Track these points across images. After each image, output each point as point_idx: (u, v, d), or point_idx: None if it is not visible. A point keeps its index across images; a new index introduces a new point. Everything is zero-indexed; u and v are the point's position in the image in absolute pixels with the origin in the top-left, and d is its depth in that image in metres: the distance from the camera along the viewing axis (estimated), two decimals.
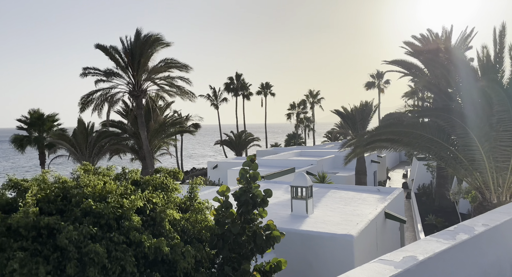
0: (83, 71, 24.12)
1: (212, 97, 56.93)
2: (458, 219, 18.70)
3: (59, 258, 5.25)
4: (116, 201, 5.81)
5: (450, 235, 2.99)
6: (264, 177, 18.11)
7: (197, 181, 7.46)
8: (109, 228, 5.76)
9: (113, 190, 6.03)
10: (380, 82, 61.21)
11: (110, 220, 5.68)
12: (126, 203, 5.86)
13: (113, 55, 23.23)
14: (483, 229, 3.22)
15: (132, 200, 5.86)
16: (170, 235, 6.07)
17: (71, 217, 5.55)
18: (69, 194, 5.82)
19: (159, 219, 6.14)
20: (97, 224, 5.63)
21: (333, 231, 9.62)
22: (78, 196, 5.72)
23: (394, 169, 44.45)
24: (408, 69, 24.56)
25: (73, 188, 5.83)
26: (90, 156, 26.21)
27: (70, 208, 5.69)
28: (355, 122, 24.40)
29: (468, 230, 3.21)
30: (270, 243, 6.85)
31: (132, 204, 5.83)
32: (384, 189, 15.17)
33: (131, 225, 5.62)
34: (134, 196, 6.03)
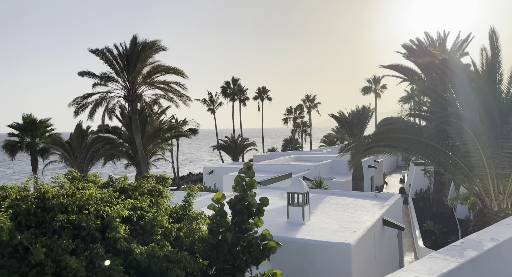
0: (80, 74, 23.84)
1: (209, 101, 56.70)
2: (456, 225, 18.49)
3: (38, 274, 4.96)
4: (97, 210, 5.52)
5: (457, 252, 2.76)
6: (260, 183, 17.86)
7: (194, 189, 7.20)
8: (92, 239, 5.47)
9: (93, 198, 5.73)
10: (377, 87, 61.35)
11: (92, 231, 5.39)
12: (111, 211, 5.57)
13: (108, 59, 23.01)
14: (492, 244, 2.99)
15: (115, 210, 5.57)
16: (161, 243, 5.79)
17: (50, 229, 5.26)
18: (47, 205, 5.53)
19: (150, 227, 5.86)
20: (78, 236, 5.34)
21: (330, 239, 9.36)
22: (56, 207, 5.43)
23: (391, 174, 44.34)
24: (405, 73, 24.52)
25: (51, 199, 5.52)
26: (83, 162, 25.82)
27: (49, 220, 5.40)
28: (352, 126, 24.26)
29: (476, 245, 2.98)
30: (265, 254, 6.58)
31: (117, 213, 5.54)
32: (381, 195, 14.95)
33: (118, 236, 5.34)
34: (118, 204, 5.74)
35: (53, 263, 4.98)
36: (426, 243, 17.35)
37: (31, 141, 27.88)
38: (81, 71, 23.92)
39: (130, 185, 7.01)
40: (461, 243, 2.99)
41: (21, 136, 27.73)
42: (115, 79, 23.49)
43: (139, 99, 23.66)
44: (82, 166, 26.16)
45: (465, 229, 18.07)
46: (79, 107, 23.47)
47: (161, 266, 5.48)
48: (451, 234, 18.49)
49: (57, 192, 5.77)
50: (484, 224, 8.80)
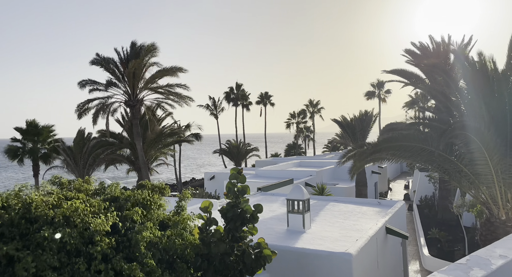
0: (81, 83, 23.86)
1: (212, 107, 56.63)
2: (463, 232, 18.00)
3: None
4: (83, 222, 5.25)
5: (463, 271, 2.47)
6: (261, 189, 17.54)
7: (185, 194, 6.92)
8: (77, 253, 5.21)
9: (80, 210, 5.46)
10: (380, 92, 60.93)
11: (78, 244, 5.13)
12: (93, 225, 5.28)
13: (108, 67, 23.02)
14: (501, 262, 2.68)
15: (99, 223, 5.29)
16: (145, 260, 5.49)
17: (34, 242, 5.00)
18: (32, 216, 5.27)
19: (134, 242, 5.58)
20: (63, 249, 5.08)
21: (330, 248, 9.02)
22: (40, 219, 5.18)
23: (395, 180, 43.76)
24: (408, 78, 24.20)
25: (36, 209, 5.27)
26: (84, 167, 25.67)
27: (33, 231, 5.14)
28: (355, 132, 23.90)
29: (483, 263, 2.68)
30: (260, 263, 6.28)
31: (100, 227, 5.26)
32: (385, 202, 14.57)
33: (96, 251, 5.06)
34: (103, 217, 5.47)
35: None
36: (432, 251, 16.87)
37: (33, 146, 27.83)
38: (81, 80, 23.94)
39: (122, 194, 6.75)
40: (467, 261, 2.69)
41: (24, 142, 27.70)
42: (116, 84, 23.43)
43: (140, 104, 23.54)
44: (83, 172, 26.01)
45: (472, 237, 17.57)
46: (81, 111, 23.43)
47: None
48: (457, 242, 18.00)
49: (43, 202, 5.51)
50: (492, 233, 8.43)
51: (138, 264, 5.31)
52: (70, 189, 6.56)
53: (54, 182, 6.52)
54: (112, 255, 5.34)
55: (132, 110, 23.33)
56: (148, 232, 5.74)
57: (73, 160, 25.81)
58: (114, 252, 5.45)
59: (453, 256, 16.32)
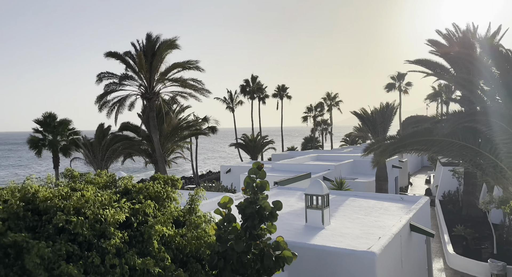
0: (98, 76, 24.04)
1: (228, 100, 56.39)
2: (490, 229, 17.16)
3: None
4: (94, 214, 5.02)
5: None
6: (278, 183, 17.18)
7: (198, 192, 6.61)
8: (89, 246, 4.99)
9: (91, 200, 5.24)
10: (401, 84, 59.18)
11: (90, 236, 4.91)
12: (108, 216, 5.07)
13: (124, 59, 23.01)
14: None
15: (112, 214, 5.06)
16: (159, 255, 5.23)
17: (44, 234, 4.80)
18: (41, 207, 5.08)
19: (147, 236, 5.32)
20: (74, 241, 4.87)
21: (352, 246, 8.59)
22: (50, 210, 4.97)
23: (416, 174, 42.56)
24: (432, 69, 23.13)
25: (44, 201, 5.07)
26: (103, 160, 25.95)
27: (42, 224, 4.94)
28: (375, 125, 23.13)
29: None
30: (279, 264, 5.93)
31: (113, 219, 5.03)
32: (408, 198, 13.94)
33: (109, 244, 4.82)
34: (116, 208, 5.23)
35: (45, 272, 4.52)
36: (457, 249, 16.15)
37: (53, 138, 28.34)
38: (99, 73, 24.14)
39: (134, 187, 6.51)
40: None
41: (44, 134, 28.25)
42: (133, 77, 23.44)
43: (156, 97, 23.49)
44: (101, 164, 26.31)
45: (500, 235, 16.73)
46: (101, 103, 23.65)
47: None
48: (484, 239, 17.18)
49: (49, 194, 5.31)
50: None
51: (152, 259, 5.06)
52: (81, 182, 6.37)
53: (66, 175, 6.35)
54: (125, 250, 5.11)
55: (149, 103, 23.31)
56: (160, 225, 5.48)
57: (92, 153, 26.13)
58: (127, 246, 5.22)
59: (480, 254, 15.57)
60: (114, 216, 5.02)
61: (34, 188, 5.22)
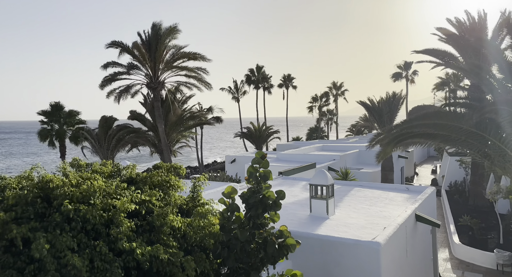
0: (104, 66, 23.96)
1: (233, 89, 56.16)
2: (496, 219, 17.05)
3: (35, 271, 4.54)
4: (103, 203, 5.03)
5: None
6: (283, 173, 17.15)
7: (201, 179, 6.58)
8: (97, 235, 5.01)
9: (100, 189, 5.25)
10: (408, 73, 58.39)
11: (98, 225, 4.92)
12: (118, 204, 5.09)
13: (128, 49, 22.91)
14: None
15: (122, 202, 5.07)
16: (168, 242, 5.25)
17: (52, 222, 4.82)
18: (51, 195, 5.09)
19: (159, 224, 5.34)
20: (83, 229, 4.89)
21: (356, 236, 8.56)
22: (59, 197, 4.97)
23: (422, 164, 42.31)
24: (441, 58, 22.71)
25: (55, 188, 5.08)
26: (108, 149, 26.11)
27: (51, 211, 4.96)
28: (381, 114, 22.88)
29: None
30: (283, 252, 5.90)
31: (123, 207, 5.04)
32: (413, 188, 13.84)
33: (120, 232, 4.84)
34: (125, 197, 5.24)
35: (54, 259, 4.55)
36: (463, 239, 16.09)
37: (60, 128, 28.52)
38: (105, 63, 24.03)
39: (138, 176, 6.51)
40: None
41: (50, 123, 28.43)
42: (138, 67, 23.34)
43: (161, 87, 23.42)
44: (107, 153, 26.47)
45: (507, 225, 16.63)
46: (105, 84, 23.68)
47: (164, 270, 4.96)
48: (491, 229, 17.09)
49: (61, 182, 5.34)
50: None
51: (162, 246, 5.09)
52: (88, 171, 6.38)
53: (73, 165, 6.36)
54: (133, 238, 5.13)
55: (154, 92, 23.25)
56: (172, 216, 5.50)
57: (98, 142, 26.27)
58: (135, 235, 5.24)
59: (486, 244, 15.51)
60: (124, 204, 5.03)
61: (48, 176, 5.24)
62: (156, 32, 22.70)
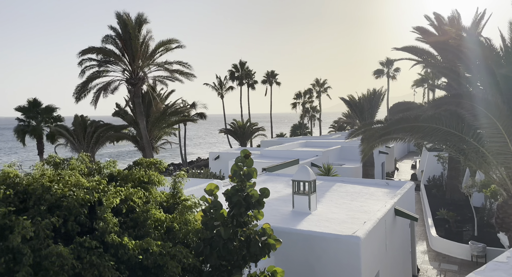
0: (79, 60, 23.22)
1: (217, 86, 55.82)
2: (472, 212, 17.70)
3: (9, 263, 4.39)
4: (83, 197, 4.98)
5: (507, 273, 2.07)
6: (266, 169, 17.25)
7: (180, 174, 6.56)
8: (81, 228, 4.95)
9: (80, 185, 5.18)
10: (389, 70, 59.47)
11: (81, 217, 4.85)
12: (104, 200, 5.04)
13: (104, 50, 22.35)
14: None
15: (108, 197, 5.04)
16: (154, 236, 5.25)
17: (30, 215, 4.71)
18: (26, 191, 4.98)
19: (143, 219, 5.32)
20: (62, 225, 4.80)
21: (337, 231, 8.75)
22: (39, 190, 4.88)
23: (402, 159, 43.31)
24: (419, 55, 23.24)
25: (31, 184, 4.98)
26: (88, 146, 25.55)
27: (29, 205, 4.85)
28: (363, 111, 23.28)
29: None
30: (265, 251, 5.98)
31: (108, 201, 5.00)
32: (393, 183, 14.20)
33: (108, 225, 4.80)
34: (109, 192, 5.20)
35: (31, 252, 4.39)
36: (440, 232, 16.64)
37: (37, 125, 27.71)
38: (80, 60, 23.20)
39: (119, 173, 6.43)
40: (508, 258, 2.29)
41: (27, 121, 27.58)
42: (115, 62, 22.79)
43: (141, 82, 23.00)
44: (87, 150, 25.92)
45: (481, 218, 17.28)
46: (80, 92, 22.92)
47: (155, 261, 4.96)
48: (466, 222, 17.73)
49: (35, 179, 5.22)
50: (509, 216, 8.06)
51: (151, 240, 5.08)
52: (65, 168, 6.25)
53: (49, 162, 6.19)
54: (120, 233, 5.09)
55: (134, 88, 22.82)
56: (155, 210, 5.49)
57: (77, 139, 25.68)
58: (121, 230, 5.20)
59: (462, 236, 16.09)
60: (109, 199, 4.99)
61: (15, 172, 5.12)
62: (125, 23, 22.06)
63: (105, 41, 22.88)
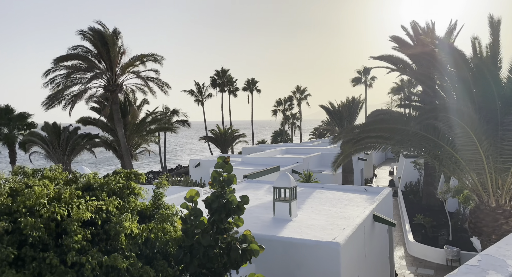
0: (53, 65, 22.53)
1: (197, 93, 55.54)
2: (447, 218, 18.22)
3: None
4: (50, 212, 4.77)
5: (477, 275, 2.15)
6: (247, 176, 17.22)
7: (162, 181, 6.46)
8: (44, 247, 4.73)
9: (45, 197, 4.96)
10: (367, 78, 61.04)
11: (44, 236, 4.64)
12: (73, 213, 4.85)
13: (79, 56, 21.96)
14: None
15: (76, 212, 4.84)
16: (125, 252, 5.08)
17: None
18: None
19: (114, 233, 5.13)
20: (24, 242, 4.58)
21: (318, 237, 8.80)
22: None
23: (380, 166, 44.25)
24: (395, 64, 24.00)
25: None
26: (64, 154, 24.77)
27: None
28: (342, 118, 23.73)
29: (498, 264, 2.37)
30: (246, 257, 5.94)
31: (77, 216, 4.81)
32: (372, 189, 14.47)
33: (73, 241, 4.62)
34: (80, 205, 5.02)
35: None
36: (416, 237, 17.03)
37: (9, 133, 26.67)
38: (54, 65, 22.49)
39: (96, 182, 6.25)
40: (479, 261, 2.37)
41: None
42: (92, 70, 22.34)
43: (119, 89, 22.61)
44: (63, 159, 25.12)
45: (455, 222, 17.81)
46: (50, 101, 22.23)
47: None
48: (441, 227, 18.23)
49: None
50: (481, 221, 8.36)
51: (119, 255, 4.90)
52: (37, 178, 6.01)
53: (17, 172, 5.91)
54: (88, 248, 4.90)
55: (112, 95, 22.38)
56: (128, 222, 5.31)
57: (52, 147, 24.85)
58: (90, 244, 5.01)
59: (437, 241, 16.52)
60: (78, 214, 4.79)
61: None
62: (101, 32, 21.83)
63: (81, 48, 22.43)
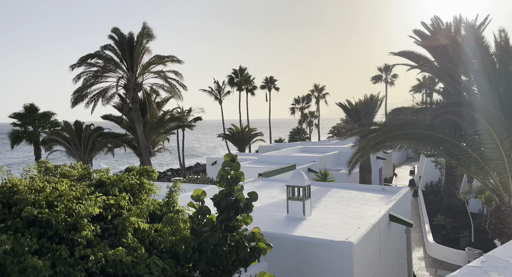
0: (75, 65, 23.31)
1: (215, 91, 55.90)
2: (469, 219, 17.61)
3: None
4: (66, 208, 4.94)
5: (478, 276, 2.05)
6: (262, 175, 17.21)
7: (177, 184, 6.55)
8: (60, 239, 4.91)
9: (65, 194, 5.15)
10: (387, 76, 59.74)
11: (60, 230, 4.83)
12: (81, 209, 5.00)
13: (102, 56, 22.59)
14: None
15: (85, 207, 4.99)
16: (132, 245, 5.19)
17: (12, 227, 4.70)
18: (11, 200, 4.97)
19: (121, 228, 5.26)
20: (44, 235, 4.79)
21: (331, 236, 8.68)
22: (19, 203, 4.86)
23: (400, 165, 43.24)
24: (416, 61, 23.30)
25: (16, 193, 4.96)
26: (85, 152, 25.52)
27: (11, 217, 4.83)
28: (359, 116, 23.32)
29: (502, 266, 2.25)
30: (255, 255, 5.93)
31: (86, 212, 4.95)
32: (389, 188, 14.15)
33: (81, 236, 4.76)
34: (89, 201, 5.16)
35: (14, 265, 4.45)
36: (436, 238, 16.55)
37: (33, 131, 27.70)
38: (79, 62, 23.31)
39: (109, 179, 6.40)
40: (482, 262, 2.26)
41: (24, 126, 27.57)
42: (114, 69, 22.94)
43: (139, 88, 23.09)
44: (84, 156, 25.88)
45: (478, 224, 17.19)
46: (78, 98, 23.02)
47: (130, 272, 4.90)
48: (463, 228, 17.64)
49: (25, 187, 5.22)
50: (502, 222, 8.01)
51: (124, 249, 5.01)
52: (56, 175, 6.23)
53: (40, 167, 6.19)
54: (96, 242, 5.06)
55: (132, 94, 22.89)
56: (135, 218, 5.42)
57: (73, 145, 25.66)
58: (99, 239, 5.16)
59: (459, 242, 15.99)
60: (87, 209, 4.95)
61: (15, 180, 5.12)
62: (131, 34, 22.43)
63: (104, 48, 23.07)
